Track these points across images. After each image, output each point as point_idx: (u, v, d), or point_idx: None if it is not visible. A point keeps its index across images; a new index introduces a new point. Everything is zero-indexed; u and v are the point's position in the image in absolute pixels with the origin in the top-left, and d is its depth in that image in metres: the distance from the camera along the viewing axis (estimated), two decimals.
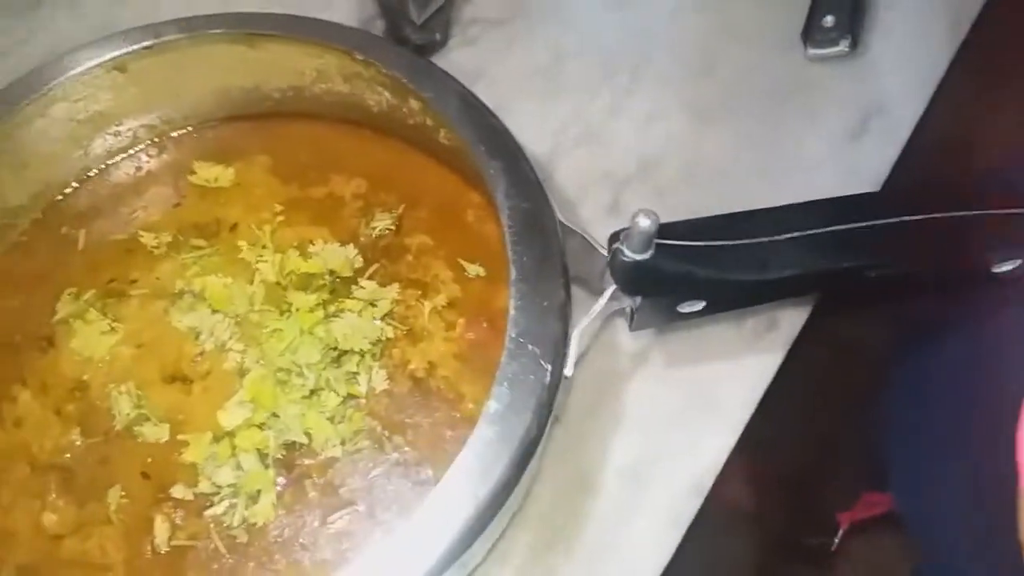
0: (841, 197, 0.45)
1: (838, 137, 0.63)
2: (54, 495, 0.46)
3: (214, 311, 0.50)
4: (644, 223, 0.39)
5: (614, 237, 0.42)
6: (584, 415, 0.53)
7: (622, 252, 0.41)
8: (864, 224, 0.42)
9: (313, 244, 0.52)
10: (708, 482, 0.52)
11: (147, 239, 0.52)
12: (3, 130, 0.49)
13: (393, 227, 0.53)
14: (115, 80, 0.52)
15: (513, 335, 0.41)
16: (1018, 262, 0.46)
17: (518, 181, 0.45)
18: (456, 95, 0.48)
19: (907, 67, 0.65)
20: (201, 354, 0.49)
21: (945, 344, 0.62)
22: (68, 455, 0.47)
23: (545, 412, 0.40)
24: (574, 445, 0.53)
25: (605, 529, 0.51)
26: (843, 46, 0.64)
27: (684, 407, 0.54)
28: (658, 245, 0.41)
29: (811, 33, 0.65)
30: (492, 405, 0.40)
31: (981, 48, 0.66)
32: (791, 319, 0.54)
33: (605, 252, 0.44)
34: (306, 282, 0.50)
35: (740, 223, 0.43)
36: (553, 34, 0.68)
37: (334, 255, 0.51)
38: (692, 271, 0.42)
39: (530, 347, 0.41)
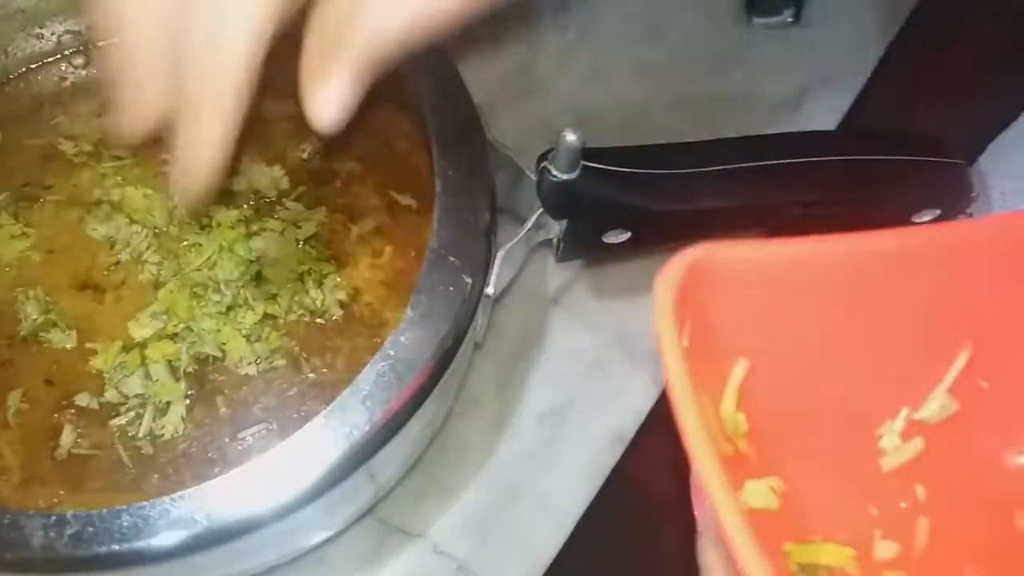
0: (771, 135, 0.45)
1: (778, 106, 0.63)
2: None
3: (132, 222, 0.48)
4: (570, 138, 0.39)
5: (542, 158, 0.42)
6: (505, 351, 0.53)
7: (549, 171, 0.41)
8: (791, 160, 0.43)
9: (238, 162, 0.51)
10: (631, 431, 0.52)
11: (66, 146, 0.51)
12: None
13: (321, 150, 0.52)
14: None
15: (434, 246, 0.41)
16: (937, 212, 0.46)
17: (449, 94, 0.45)
18: None
19: (849, 41, 0.66)
20: (116, 264, 0.48)
21: None
22: None
23: (463, 325, 0.40)
24: (493, 381, 0.52)
25: (521, 471, 0.51)
26: (786, 16, 0.65)
27: (607, 349, 0.54)
28: (584, 167, 0.41)
29: (756, 2, 0.66)
30: (408, 313, 0.39)
31: (922, 25, 0.67)
32: None
33: (533, 175, 0.43)
34: (230, 200, 0.49)
35: (669, 154, 0.43)
36: None
37: (259, 175, 0.50)
38: (617, 196, 0.42)
39: (451, 259, 0.41)
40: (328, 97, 0.34)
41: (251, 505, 0.37)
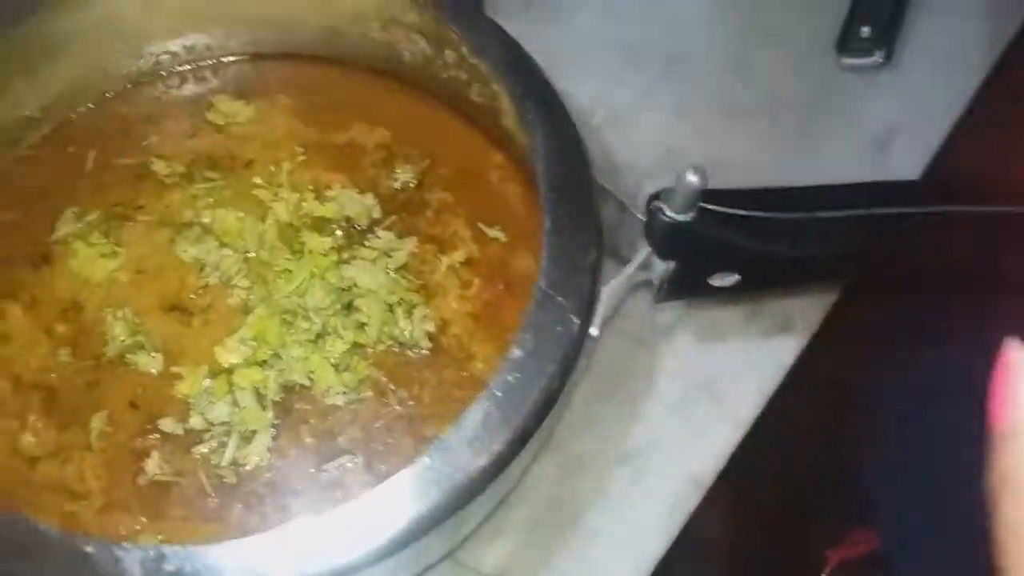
0: (883, 182, 0.44)
1: (864, 147, 0.62)
2: (35, 416, 0.44)
3: (222, 245, 0.48)
4: (692, 179, 0.37)
5: (653, 197, 0.41)
6: (590, 389, 0.52)
7: (662, 211, 0.40)
8: (903, 211, 0.41)
9: (330, 189, 0.50)
10: (710, 477, 0.51)
11: (159, 167, 0.50)
12: (24, 33, 0.47)
13: (415, 181, 0.51)
14: None
15: (543, 286, 0.40)
16: None
17: (559, 133, 0.44)
18: (500, 40, 0.47)
19: (938, 85, 0.64)
20: (204, 287, 0.47)
21: (944, 383, 0.61)
22: (54, 375, 0.45)
23: (569, 366, 0.39)
24: (576, 420, 0.51)
25: (600, 513, 0.49)
26: (877, 57, 0.64)
27: (693, 392, 0.52)
28: (700, 208, 0.40)
29: (846, 42, 0.64)
30: (515, 352, 0.38)
31: (1013, 73, 0.66)
32: (805, 319, 0.53)
33: (641, 216, 0.42)
34: (320, 226, 0.48)
35: (780, 198, 0.42)
36: (587, 17, 0.67)
37: (352, 202, 0.49)
38: (732, 239, 0.40)
39: (559, 299, 0.39)
40: None
41: (350, 549, 0.35)
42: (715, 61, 0.65)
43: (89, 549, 0.33)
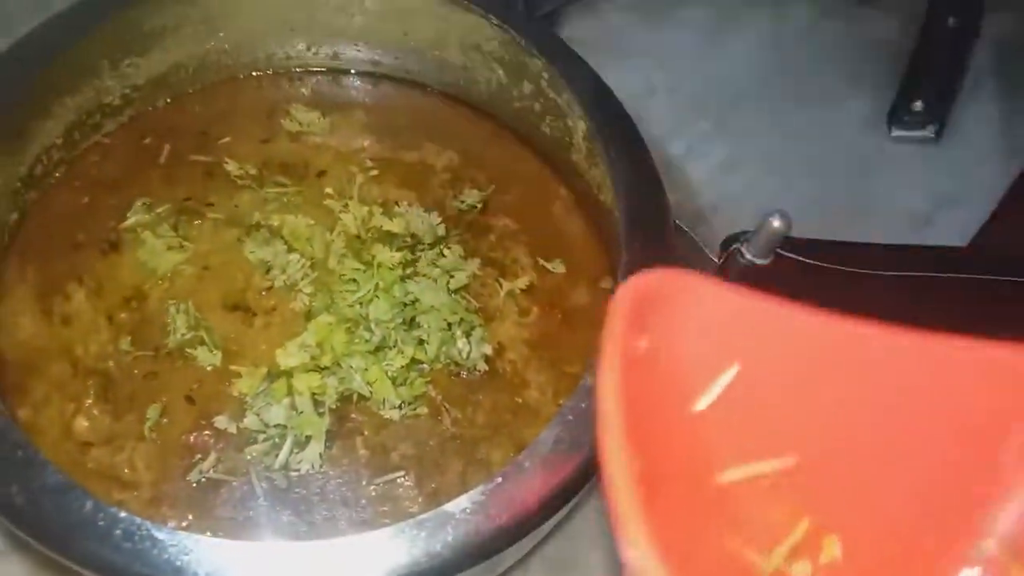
0: (949, 247, 0.44)
1: (908, 219, 0.63)
2: (91, 401, 0.43)
3: (290, 249, 0.48)
4: (776, 224, 0.38)
5: (731, 239, 0.41)
6: None
7: (741, 254, 0.40)
8: (966, 276, 0.42)
9: (399, 205, 0.50)
10: None
11: (231, 167, 0.51)
12: (117, 21, 0.47)
13: (480, 204, 0.51)
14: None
15: None
16: None
17: (639, 169, 0.44)
18: (587, 75, 0.48)
19: (986, 163, 0.65)
20: (269, 289, 0.47)
21: None
22: (112, 363, 0.45)
23: None
24: None
25: None
26: (929, 131, 0.65)
27: None
28: (777, 254, 0.40)
29: (898, 114, 0.66)
30: (587, 380, 0.38)
31: None
32: None
33: (715, 258, 0.43)
34: (387, 240, 0.49)
35: (853, 252, 0.42)
36: (643, 69, 0.68)
37: (419, 219, 0.50)
38: (806, 289, 0.40)
39: None
40: None
41: (406, 563, 0.35)
42: (768, 121, 0.67)
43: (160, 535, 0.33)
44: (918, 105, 0.66)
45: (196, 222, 0.49)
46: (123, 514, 0.33)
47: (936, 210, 0.64)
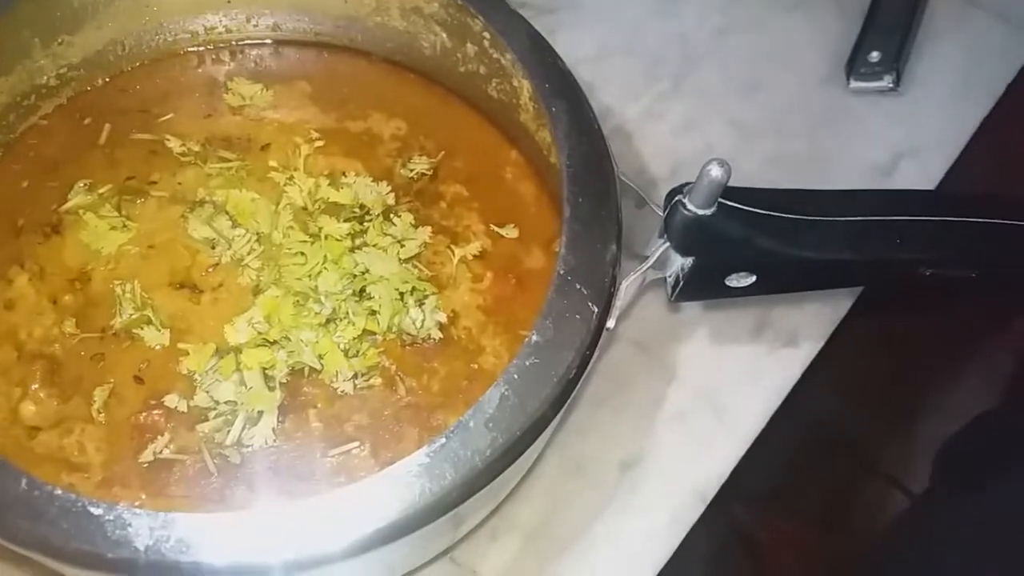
0: (902, 191, 0.44)
1: (870, 171, 0.63)
2: (37, 385, 0.43)
3: (235, 225, 0.47)
4: (716, 172, 0.38)
5: (674, 192, 0.41)
6: (591, 392, 0.52)
7: (683, 205, 0.40)
8: (924, 218, 0.41)
9: (345, 176, 0.50)
10: (714, 487, 0.50)
11: (173, 144, 0.50)
12: None
13: (429, 172, 0.51)
14: None
15: (562, 272, 0.40)
16: None
17: (581, 124, 0.44)
18: (527, 32, 0.47)
19: (944, 113, 0.65)
20: (215, 265, 0.47)
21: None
22: (58, 346, 0.44)
23: (588, 354, 0.38)
24: (577, 424, 0.51)
25: (600, 519, 0.49)
26: (887, 81, 0.65)
27: (692, 401, 0.52)
28: (720, 204, 0.40)
29: (856, 66, 0.65)
30: (534, 337, 0.38)
31: (1013, 107, 0.67)
32: (811, 333, 0.54)
33: (660, 211, 0.42)
34: (334, 212, 0.48)
35: (801, 200, 0.42)
36: (599, 30, 0.67)
37: (366, 189, 0.49)
38: (751, 237, 0.40)
39: (578, 287, 0.39)
40: None
41: (360, 527, 0.35)
42: (724, 79, 0.66)
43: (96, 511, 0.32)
44: (875, 56, 0.65)
45: (139, 201, 0.48)
46: (58, 491, 0.33)
47: (897, 161, 0.63)
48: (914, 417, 0.59)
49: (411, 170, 0.51)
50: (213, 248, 0.47)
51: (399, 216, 0.49)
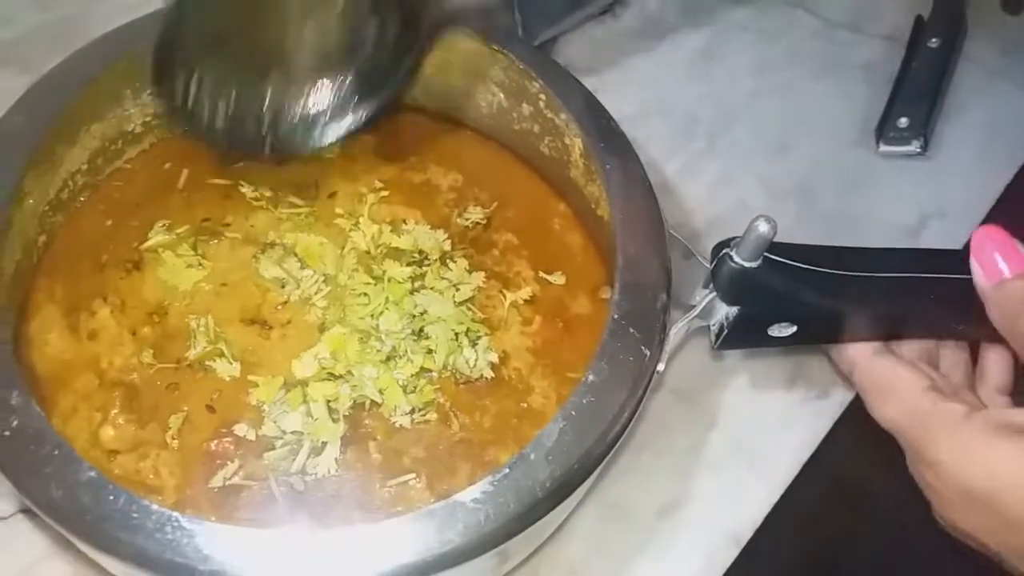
0: (937, 250, 0.47)
1: (898, 231, 0.65)
2: (116, 411, 0.45)
3: (303, 266, 0.50)
4: (763, 228, 0.40)
5: (721, 245, 0.44)
6: (635, 442, 0.54)
7: (731, 257, 0.42)
8: (955, 276, 0.44)
9: (406, 223, 0.53)
10: (748, 533, 0.52)
11: (247, 189, 0.53)
12: (140, 49, 0.50)
13: (484, 221, 0.54)
14: None
15: (616, 316, 0.42)
16: None
17: (632, 179, 0.47)
18: (581, 94, 0.51)
19: (970, 178, 0.68)
20: (284, 303, 0.50)
21: None
22: (136, 375, 0.47)
23: (640, 394, 0.41)
24: (616, 466, 0.53)
25: (640, 562, 0.51)
26: (915, 146, 0.68)
27: (728, 449, 0.54)
28: (765, 257, 0.42)
29: (885, 130, 0.68)
30: (591, 377, 0.40)
31: None
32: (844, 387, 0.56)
33: (705, 263, 0.45)
34: (396, 256, 0.51)
35: (840, 256, 0.45)
36: (638, 91, 0.71)
37: (425, 236, 0.52)
38: (794, 289, 0.43)
39: (631, 331, 0.42)
40: None
41: (416, 553, 0.37)
42: (756, 139, 0.69)
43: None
44: (903, 121, 0.68)
45: (214, 242, 0.51)
46: (154, 506, 0.35)
47: (924, 222, 0.66)
48: None
49: (467, 219, 0.54)
50: (283, 287, 0.50)
51: (455, 262, 0.52)
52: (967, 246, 0.43)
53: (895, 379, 0.45)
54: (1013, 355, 0.47)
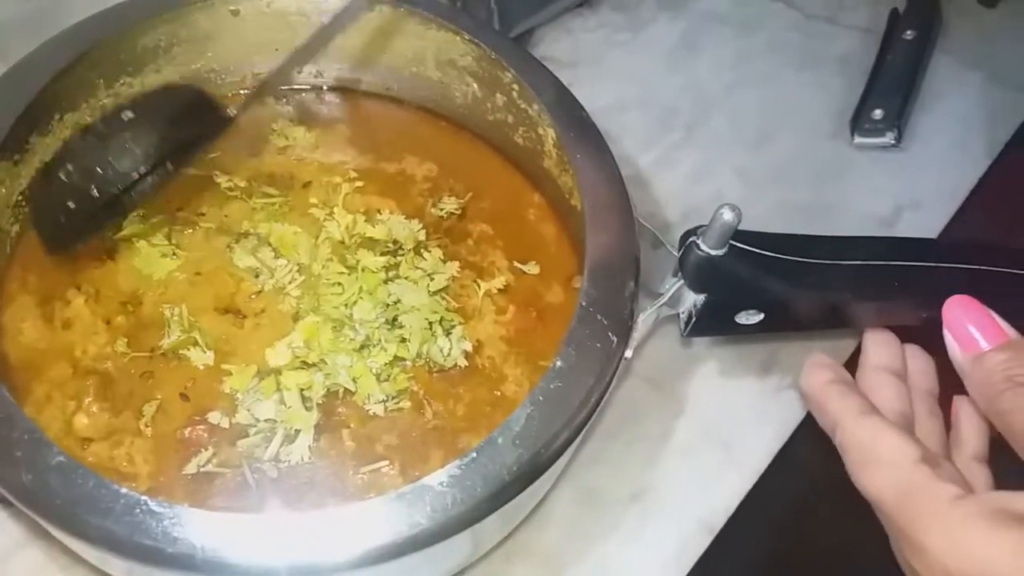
0: (905, 238, 0.47)
1: (872, 223, 0.66)
2: (90, 399, 0.46)
3: (277, 256, 0.51)
4: (727, 216, 0.41)
5: (689, 233, 0.44)
6: (601, 424, 0.54)
7: (697, 246, 0.43)
8: (924, 264, 0.44)
9: (380, 213, 0.53)
10: (721, 520, 0.53)
11: (221, 179, 0.54)
12: (114, 39, 0.50)
13: (458, 211, 0.54)
14: (227, 23, 0.55)
15: (584, 303, 0.43)
16: None
17: (602, 169, 0.47)
18: (553, 85, 0.51)
19: (944, 169, 0.69)
20: (258, 293, 0.50)
21: None
22: (110, 363, 0.47)
23: (607, 381, 0.41)
24: (588, 454, 0.53)
25: (609, 547, 0.51)
26: (889, 138, 0.68)
27: (700, 435, 0.55)
28: (731, 246, 0.43)
29: (860, 122, 0.69)
30: (558, 363, 0.41)
31: (1010, 165, 0.70)
32: None
33: (674, 251, 0.45)
34: (370, 246, 0.52)
35: (807, 244, 0.46)
36: (616, 84, 0.71)
37: (400, 226, 0.53)
38: (760, 277, 0.43)
39: (599, 318, 0.42)
40: None
41: (384, 536, 0.37)
42: (734, 131, 0.70)
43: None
44: (878, 113, 0.69)
45: (188, 231, 0.52)
46: (123, 490, 0.36)
47: (898, 213, 0.67)
48: None
49: (441, 209, 0.54)
50: (256, 277, 0.50)
51: (429, 251, 0.52)
52: (942, 239, 0.43)
53: (882, 446, 0.40)
54: (988, 421, 0.43)
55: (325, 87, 0.59)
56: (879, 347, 0.45)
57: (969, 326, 0.39)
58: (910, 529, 0.37)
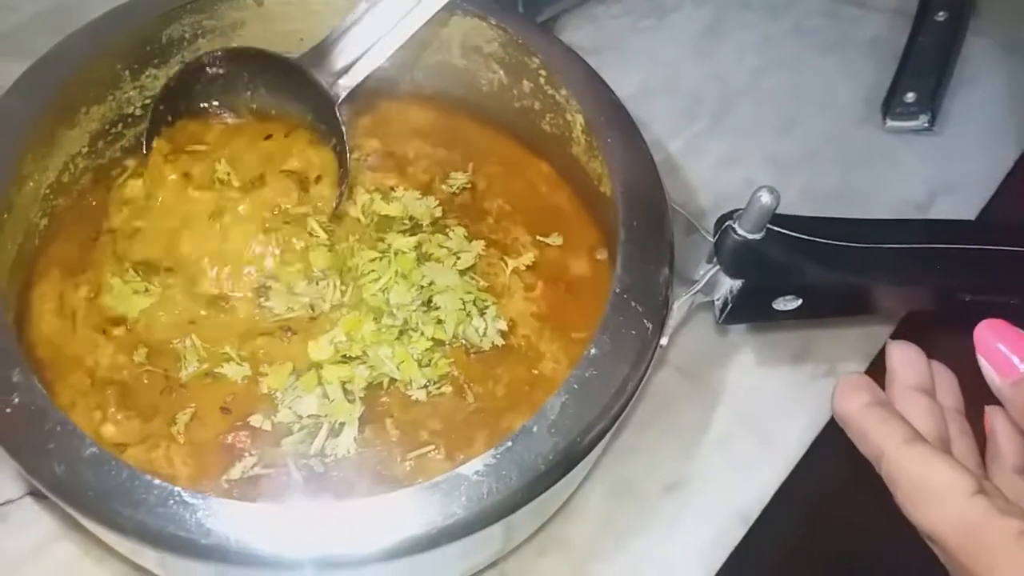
0: (944, 220, 0.46)
1: (906, 207, 0.64)
2: (113, 409, 0.45)
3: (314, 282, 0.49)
4: (765, 199, 0.40)
5: (724, 217, 0.43)
6: (635, 415, 0.54)
7: (734, 230, 0.42)
8: (962, 246, 0.43)
9: (395, 190, 0.53)
10: (755, 511, 0.52)
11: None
12: (140, 30, 0.50)
13: (468, 185, 0.54)
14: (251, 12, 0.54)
15: (618, 290, 0.42)
16: None
17: (634, 153, 0.47)
18: (581, 69, 0.50)
19: (979, 153, 0.67)
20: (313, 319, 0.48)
21: None
22: (126, 372, 0.46)
23: (643, 368, 0.40)
24: (621, 445, 0.53)
25: (643, 540, 0.50)
26: (922, 121, 0.67)
27: (735, 425, 0.54)
28: (768, 230, 0.42)
29: (892, 106, 0.68)
30: (592, 350, 0.40)
31: None
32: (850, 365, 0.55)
33: (709, 237, 0.45)
34: (386, 224, 0.51)
35: (846, 228, 0.45)
36: (642, 70, 0.70)
37: (415, 203, 0.52)
38: (798, 262, 0.43)
39: (634, 304, 0.41)
40: None
41: (426, 522, 0.37)
42: (761, 116, 0.69)
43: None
44: (910, 96, 0.68)
45: None
46: (156, 481, 0.35)
47: (933, 198, 0.65)
48: None
49: (451, 185, 0.54)
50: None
51: (453, 230, 0.51)
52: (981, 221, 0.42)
53: (934, 479, 0.37)
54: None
55: None
56: (906, 365, 0.43)
57: (1004, 349, 0.38)
58: (975, 567, 0.36)
